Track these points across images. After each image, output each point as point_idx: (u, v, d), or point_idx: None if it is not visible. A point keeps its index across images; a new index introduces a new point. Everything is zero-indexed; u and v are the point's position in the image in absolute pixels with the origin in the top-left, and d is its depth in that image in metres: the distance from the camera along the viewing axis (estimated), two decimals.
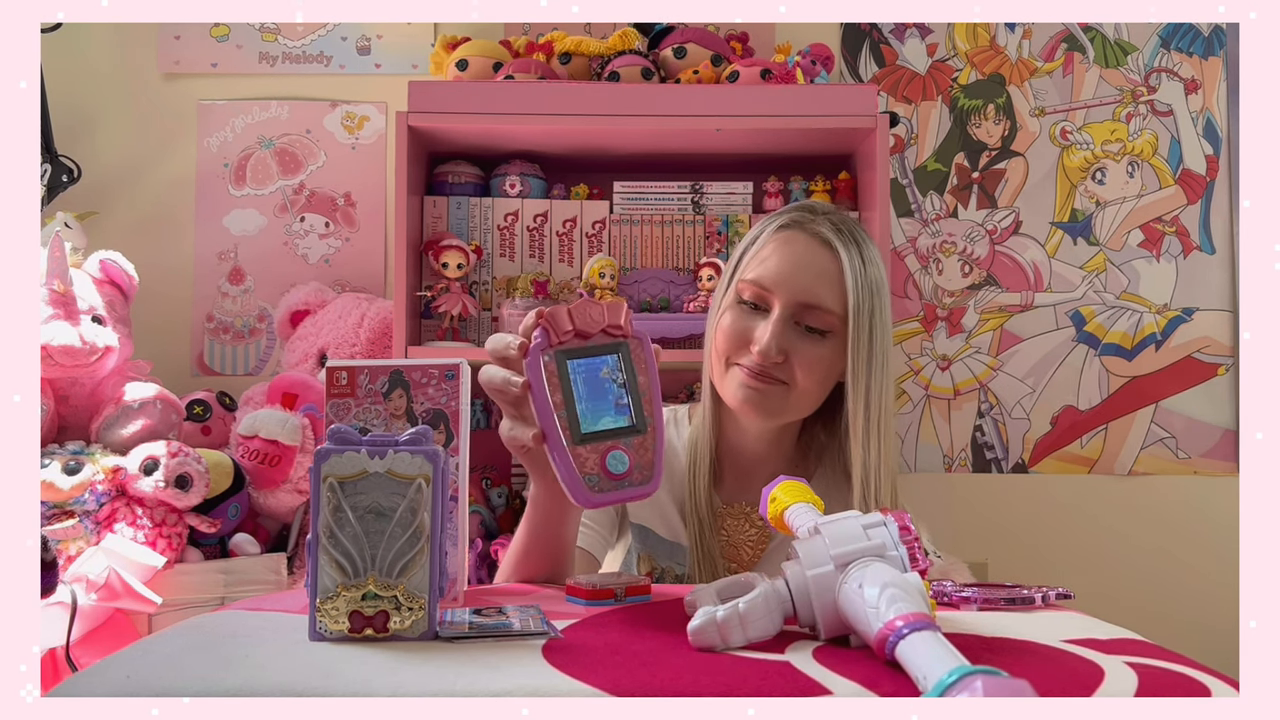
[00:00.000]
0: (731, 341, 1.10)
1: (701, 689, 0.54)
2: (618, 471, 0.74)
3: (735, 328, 1.10)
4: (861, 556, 0.63)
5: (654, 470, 0.75)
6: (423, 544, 0.63)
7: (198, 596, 1.50)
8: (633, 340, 0.78)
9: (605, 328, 0.77)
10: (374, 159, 2.06)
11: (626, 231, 1.84)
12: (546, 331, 0.75)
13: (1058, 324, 2.06)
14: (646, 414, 0.76)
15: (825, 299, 1.07)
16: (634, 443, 0.75)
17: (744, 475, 1.18)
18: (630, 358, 0.77)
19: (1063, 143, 2.07)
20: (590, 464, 0.73)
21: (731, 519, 1.16)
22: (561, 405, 0.74)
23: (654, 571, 1.17)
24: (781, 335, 1.07)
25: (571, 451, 0.73)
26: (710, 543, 1.12)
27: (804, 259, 1.09)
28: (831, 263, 1.08)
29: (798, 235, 1.10)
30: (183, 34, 2.05)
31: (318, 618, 0.62)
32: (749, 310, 1.10)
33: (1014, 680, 0.47)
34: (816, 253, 1.09)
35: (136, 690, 0.54)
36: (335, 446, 0.63)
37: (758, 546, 1.15)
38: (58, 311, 1.54)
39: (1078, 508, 2.03)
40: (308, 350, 1.84)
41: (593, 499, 0.73)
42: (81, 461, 1.47)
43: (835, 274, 1.08)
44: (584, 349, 0.76)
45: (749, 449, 1.17)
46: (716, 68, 1.82)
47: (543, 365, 0.74)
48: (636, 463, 0.75)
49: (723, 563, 1.13)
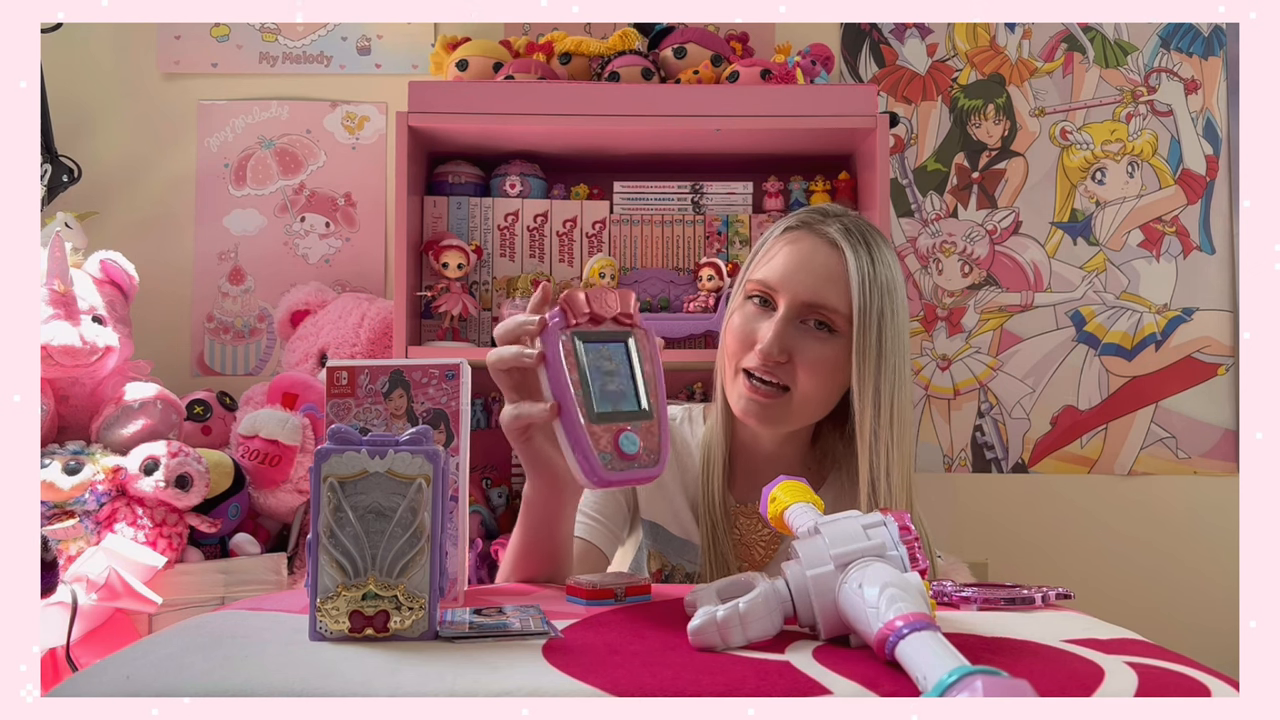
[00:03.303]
0: (739, 342, 1.09)
1: (701, 689, 0.54)
2: (629, 452, 0.76)
3: (743, 328, 1.09)
4: (861, 556, 0.63)
5: (660, 453, 0.78)
6: (423, 544, 0.63)
7: (198, 596, 1.50)
8: (639, 331, 0.81)
9: (617, 315, 0.80)
10: (374, 159, 2.06)
11: (626, 231, 1.84)
12: (564, 312, 0.77)
13: (1058, 324, 2.06)
14: (652, 400, 0.79)
15: (830, 298, 1.06)
16: (642, 426, 0.78)
17: (757, 475, 1.17)
18: (638, 347, 0.80)
19: (1063, 143, 2.07)
20: (604, 442, 0.75)
21: (744, 518, 1.16)
22: (579, 384, 0.76)
23: (664, 569, 1.17)
24: (784, 334, 1.06)
25: (588, 428, 0.75)
26: (723, 542, 1.12)
27: (809, 259, 1.08)
28: (838, 263, 1.07)
29: (805, 235, 1.10)
30: (183, 34, 2.05)
31: (318, 618, 0.62)
32: (757, 309, 1.10)
33: (1014, 680, 0.47)
34: (823, 252, 1.08)
35: (136, 690, 0.54)
36: (335, 446, 0.63)
37: (770, 546, 1.15)
38: (58, 311, 1.54)
39: (1078, 508, 2.03)
40: (308, 350, 1.84)
41: (606, 477, 0.75)
42: (81, 461, 1.47)
43: (840, 273, 1.07)
44: (597, 333, 0.78)
45: (761, 450, 1.16)
46: (716, 68, 1.82)
47: (560, 344, 0.76)
48: (645, 445, 0.77)
49: (735, 562, 1.13)
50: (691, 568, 1.15)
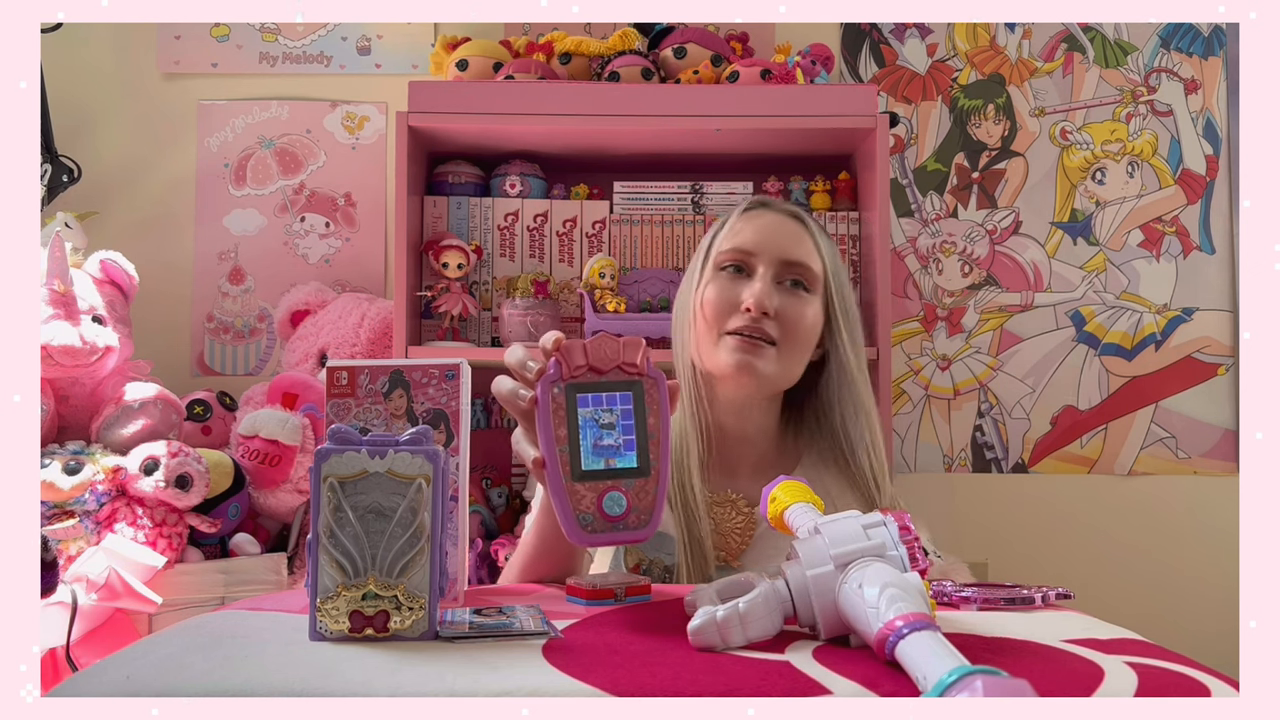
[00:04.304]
0: (719, 308, 1.14)
1: (701, 689, 0.54)
2: (614, 513, 0.73)
3: (722, 295, 1.14)
4: (861, 556, 0.63)
5: (653, 515, 0.75)
6: (423, 544, 0.63)
7: (198, 596, 1.50)
8: (647, 380, 0.77)
9: (620, 364, 0.76)
10: (374, 159, 2.06)
11: (626, 231, 1.84)
12: (559, 364, 0.75)
13: (1058, 324, 2.06)
14: (653, 456, 0.75)
15: (805, 257, 1.15)
16: (635, 485, 0.74)
17: (730, 461, 1.19)
18: (643, 397, 0.76)
19: (1063, 143, 2.07)
20: (586, 502, 0.73)
21: (719, 507, 1.16)
22: (564, 440, 0.74)
23: (641, 563, 1.17)
24: (771, 293, 1.12)
25: (568, 488, 0.73)
26: (698, 532, 1.12)
27: (778, 226, 1.17)
28: (803, 230, 1.17)
29: (764, 211, 1.19)
30: (183, 34, 2.05)
31: (318, 618, 0.62)
32: (731, 277, 1.15)
33: (1014, 680, 0.47)
34: (787, 223, 1.18)
35: (136, 690, 0.54)
36: (335, 446, 0.63)
37: (745, 534, 1.16)
38: (58, 311, 1.55)
39: (1078, 508, 2.03)
40: (308, 350, 1.84)
41: (584, 538, 0.73)
42: (81, 461, 1.47)
43: (808, 240, 1.17)
44: (596, 384, 0.75)
45: (734, 431, 1.18)
46: (716, 68, 1.82)
47: (551, 397, 0.74)
48: (635, 505, 0.74)
49: (712, 551, 1.14)
50: (669, 560, 1.15)
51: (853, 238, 1.83)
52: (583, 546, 0.75)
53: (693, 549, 1.12)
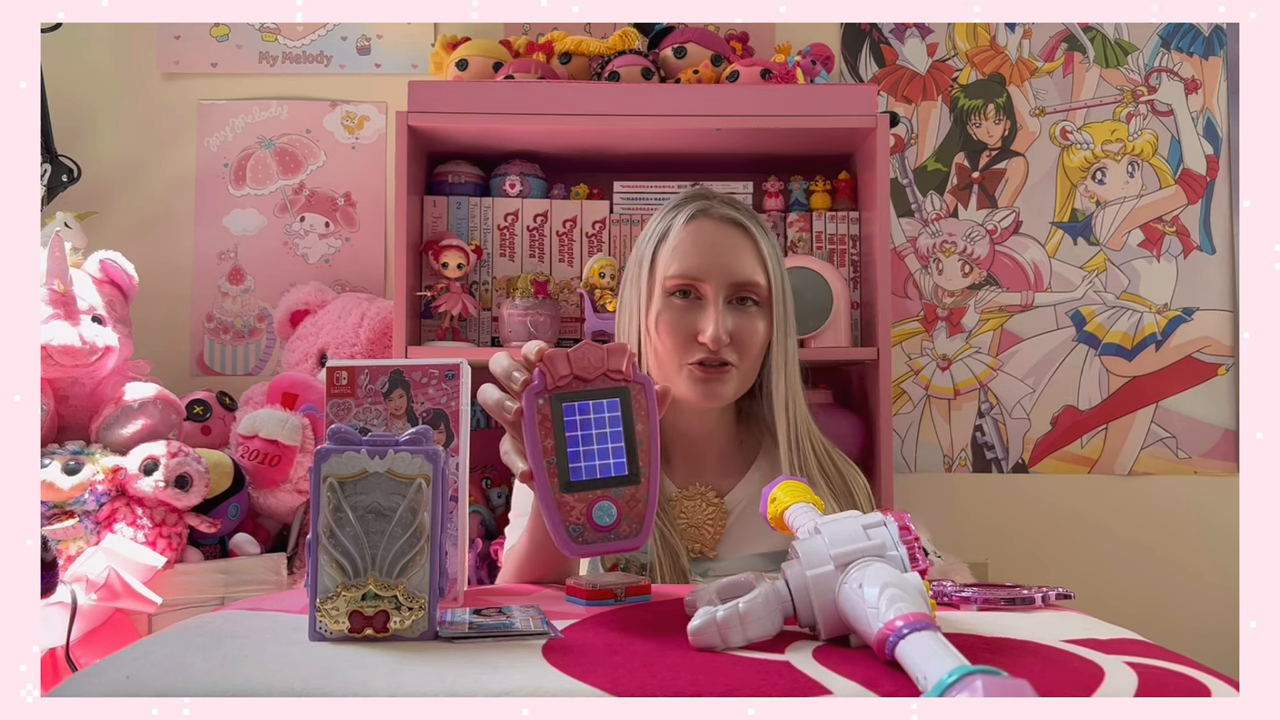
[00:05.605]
0: (677, 339, 1.14)
1: (701, 689, 0.54)
2: (604, 523, 0.73)
3: (678, 325, 1.15)
4: (861, 556, 0.63)
5: (644, 523, 0.74)
6: (423, 544, 0.63)
7: (198, 596, 1.50)
8: (634, 386, 0.76)
9: (606, 371, 0.75)
10: (374, 159, 2.06)
11: (626, 231, 1.84)
12: (544, 375, 0.74)
13: (1058, 324, 2.06)
14: (642, 463, 0.74)
15: (752, 274, 1.15)
16: (625, 493, 0.74)
17: (694, 457, 1.21)
18: (630, 404, 0.75)
19: (1063, 143, 2.07)
20: (576, 513, 0.73)
21: (688, 500, 1.18)
22: (552, 451, 0.73)
23: (619, 562, 1.17)
24: (723, 320, 1.13)
25: (557, 499, 0.73)
26: (669, 528, 1.13)
27: (722, 242, 1.16)
28: (746, 240, 1.17)
29: (706, 223, 1.17)
30: (183, 34, 2.05)
31: (318, 618, 0.62)
32: (683, 303, 1.15)
33: (1014, 680, 0.47)
34: (730, 234, 1.16)
35: (136, 690, 0.54)
36: (335, 446, 0.63)
37: (717, 524, 1.17)
38: (58, 311, 1.54)
39: (1078, 508, 2.03)
40: (308, 350, 1.84)
41: (575, 549, 0.73)
42: (81, 461, 1.47)
43: (752, 250, 1.17)
44: (582, 393, 0.74)
45: (694, 430, 1.20)
46: (716, 68, 1.82)
47: (536, 408, 0.73)
48: (625, 514, 0.73)
49: (685, 544, 1.14)
50: (645, 558, 1.17)
51: (853, 238, 1.83)
52: (574, 557, 0.75)
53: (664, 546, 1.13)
